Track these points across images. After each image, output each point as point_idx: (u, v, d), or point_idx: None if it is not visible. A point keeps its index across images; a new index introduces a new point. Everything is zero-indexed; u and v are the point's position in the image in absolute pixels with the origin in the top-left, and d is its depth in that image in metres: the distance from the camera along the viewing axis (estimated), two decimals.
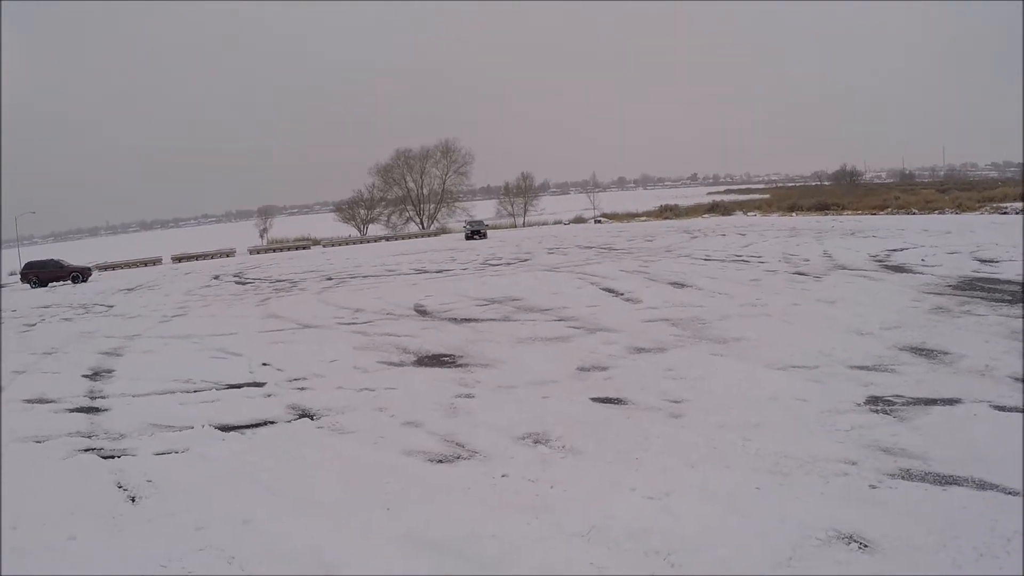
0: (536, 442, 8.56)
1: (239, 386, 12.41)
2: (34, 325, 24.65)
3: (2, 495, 7.90)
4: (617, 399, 10.02)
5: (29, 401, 12.52)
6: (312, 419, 10.21)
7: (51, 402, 12.37)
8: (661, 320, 15.21)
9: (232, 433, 9.77)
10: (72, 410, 11.74)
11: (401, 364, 13.19)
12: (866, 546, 5.60)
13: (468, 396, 10.74)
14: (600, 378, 11.18)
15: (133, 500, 7.72)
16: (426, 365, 12.98)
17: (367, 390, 11.46)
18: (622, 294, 19.58)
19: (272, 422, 10.22)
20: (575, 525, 6.32)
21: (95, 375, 14.39)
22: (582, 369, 11.78)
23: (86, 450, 9.54)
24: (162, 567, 6.13)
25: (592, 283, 22.53)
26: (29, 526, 7.16)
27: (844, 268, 21.94)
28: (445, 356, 13.53)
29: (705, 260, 26.97)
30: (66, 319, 25.75)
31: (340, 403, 10.79)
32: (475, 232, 65.79)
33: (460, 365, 12.74)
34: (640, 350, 12.69)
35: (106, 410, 11.55)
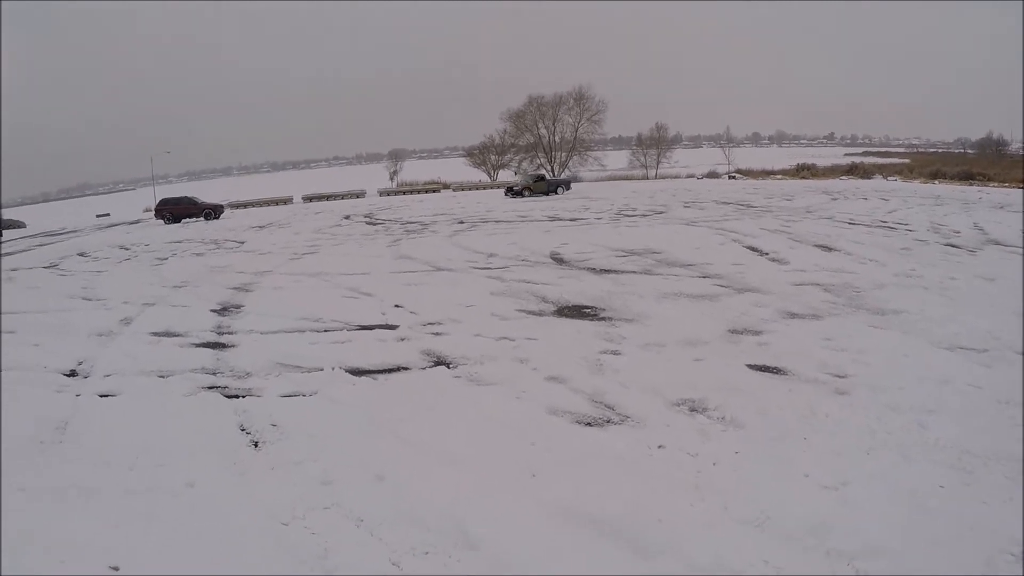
0: (692, 410, 7.65)
1: (371, 327, 11.83)
2: (166, 259, 24.83)
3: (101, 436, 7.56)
4: (775, 368, 8.98)
5: (156, 334, 12.22)
6: (448, 367, 9.48)
7: (178, 336, 12.05)
8: (811, 284, 14.01)
9: (363, 378, 9.13)
10: (199, 345, 11.37)
11: (541, 313, 12.39)
12: None
13: (614, 352, 9.83)
14: (753, 342, 10.15)
15: (256, 445, 7.14)
16: (567, 316, 12.16)
17: (506, 339, 10.68)
18: (767, 254, 18.34)
19: (406, 368, 9.55)
20: (745, 511, 5.45)
21: (224, 310, 14.08)
22: (733, 331, 10.76)
23: (210, 388, 9.05)
24: (283, 524, 5.50)
25: (734, 240, 21.32)
26: (146, 468, 6.65)
27: (998, 243, 20.07)
28: (587, 307, 12.67)
29: (849, 224, 25.28)
30: (198, 254, 25.91)
31: (478, 351, 10.04)
32: (510, 189, 55.57)
33: (603, 318, 11.87)
34: (793, 315, 11.61)
35: (233, 346, 11.12)
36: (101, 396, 8.95)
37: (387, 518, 5.48)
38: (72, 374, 10.12)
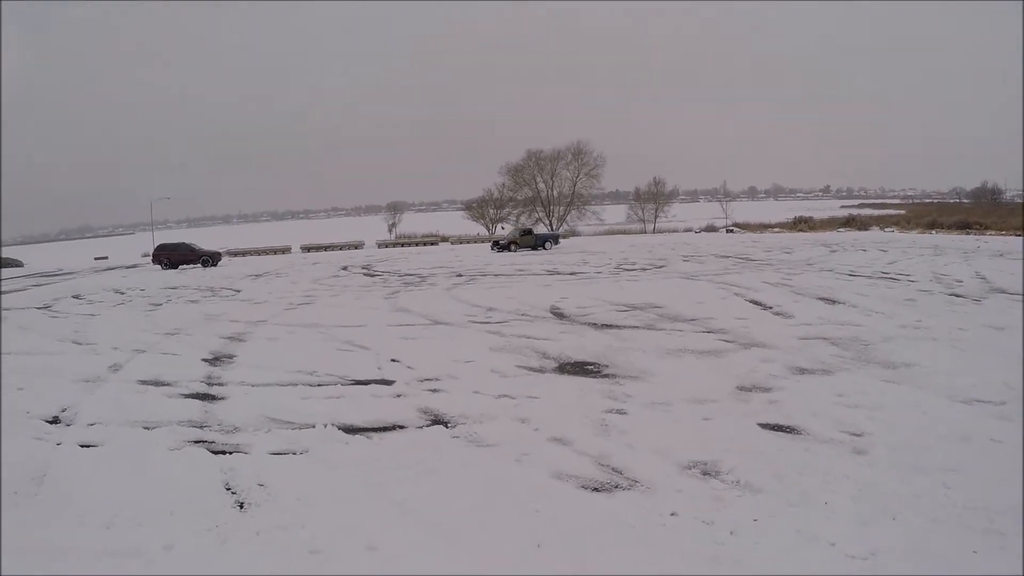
0: (705, 474, 7.21)
1: (366, 383, 11.41)
2: (160, 305, 24.63)
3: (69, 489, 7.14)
4: (788, 427, 8.58)
5: (144, 382, 11.87)
6: (447, 426, 9.05)
7: (167, 385, 11.68)
8: (818, 338, 13.70)
9: (357, 436, 8.69)
10: (187, 395, 10.98)
11: (542, 370, 12.00)
12: None
13: (619, 412, 9.43)
14: (764, 400, 9.74)
15: (241, 506, 6.70)
16: (569, 373, 11.76)
17: (506, 397, 10.27)
18: (771, 307, 18.09)
19: (402, 427, 9.12)
20: None
21: (215, 360, 13.71)
22: (742, 389, 10.37)
23: (196, 442, 8.63)
24: None
25: (736, 294, 21.10)
26: (124, 527, 6.25)
27: (1003, 292, 19.93)
28: (589, 364, 12.28)
29: (850, 276, 25.29)
30: (192, 301, 25.67)
31: (477, 410, 9.62)
32: (496, 243, 54.91)
33: (607, 375, 11.47)
34: (803, 371, 11.25)
35: (222, 399, 10.71)
36: (82, 446, 8.55)
37: None
38: (55, 421, 9.78)
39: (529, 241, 53.73)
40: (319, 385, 11.33)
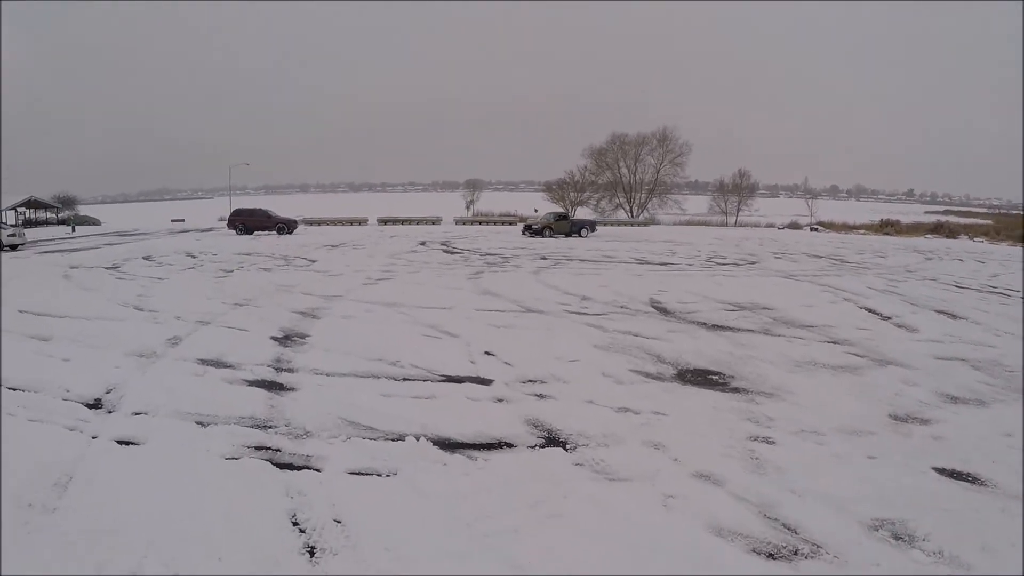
0: (897, 538, 5.53)
1: (460, 380, 9.83)
2: (231, 272, 23.83)
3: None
4: (967, 475, 6.89)
5: (204, 361, 10.54)
6: (565, 448, 7.36)
7: (229, 367, 10.30)
8: (956, 359, 11.95)
9: (456, 455, 7.05)
10: (252, 383, 9.54)
11: (660, 377, 10.31)
12: None
13: (767, 440, 7.72)
14: (926, 435, 8.03)
15: (311, 553, 5.10)
16: (692, 383, 10.08)
17: (628, 411, 8.57)
18: (889, 318, 16.30)
19: (509, 445, 7.45)
20: None
21: (286, 339, 12.35)
22: (896, 418, 8.64)
23: (258, 448, 7.14)
24: None
25: (845, 299, 19.34)
26: (156, 567, 4.73)
27: None
28: (712, 373, 10.62)
29: (958, 288, 23.23)
30: (265, 269, 24.90)
31: (597, 427, 7.93)
32: (528, 227, 51.81)
33: (737, 389, 9.80)
34: (955, 399, 9.52)
35: (292, 389, 9.24)
36: (120, 443, 7.20)
37: None
38: (96, 405, 8.50)
39: (564, 227, 51.42)
40: (404, 380, 9.81)
